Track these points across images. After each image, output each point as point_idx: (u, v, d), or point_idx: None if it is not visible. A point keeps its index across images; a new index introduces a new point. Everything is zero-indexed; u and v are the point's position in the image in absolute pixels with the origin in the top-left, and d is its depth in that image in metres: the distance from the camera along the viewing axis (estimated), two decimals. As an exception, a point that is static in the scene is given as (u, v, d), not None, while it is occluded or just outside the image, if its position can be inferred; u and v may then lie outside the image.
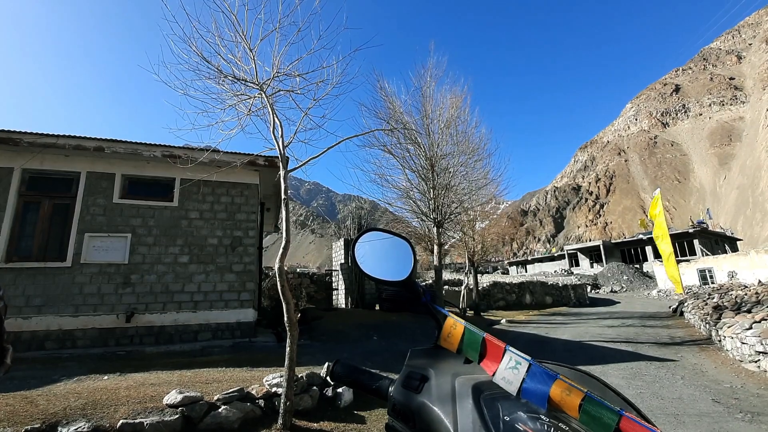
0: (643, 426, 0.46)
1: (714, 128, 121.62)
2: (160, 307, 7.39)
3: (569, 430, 0.51)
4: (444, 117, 11.88)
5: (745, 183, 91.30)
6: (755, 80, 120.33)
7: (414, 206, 11.92)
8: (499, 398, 0.56)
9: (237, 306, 7.91)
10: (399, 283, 0.79)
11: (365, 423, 3.87)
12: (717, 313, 8.68)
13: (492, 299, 20.16)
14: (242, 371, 5.03)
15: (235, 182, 8.42)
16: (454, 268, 39.70)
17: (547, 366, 0.58)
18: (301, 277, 15.20)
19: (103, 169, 7.66)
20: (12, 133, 6.96)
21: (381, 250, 0.86)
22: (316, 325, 9.26)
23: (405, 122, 11.41)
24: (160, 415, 3.33)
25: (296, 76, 4.47)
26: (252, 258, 8.40)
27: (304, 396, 4.12)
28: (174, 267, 7.66)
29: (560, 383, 0.53)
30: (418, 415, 0.60)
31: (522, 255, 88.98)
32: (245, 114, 4.40)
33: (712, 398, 4.74)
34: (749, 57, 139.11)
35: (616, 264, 37.74)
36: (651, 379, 5.65)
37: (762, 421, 3.95)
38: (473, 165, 12.16)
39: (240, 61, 4.28)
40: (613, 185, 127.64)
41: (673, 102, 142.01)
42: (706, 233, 38.54)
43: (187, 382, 4.28)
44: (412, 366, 0.68)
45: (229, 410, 3.57)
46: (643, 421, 0.48)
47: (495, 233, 18.66)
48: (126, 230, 7.51)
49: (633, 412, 0.52)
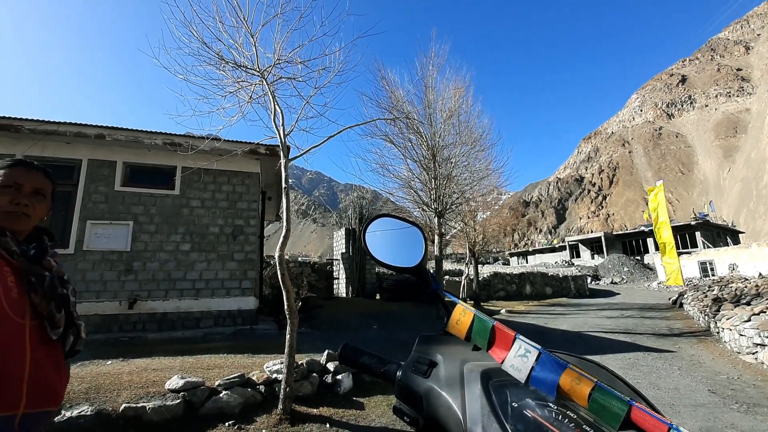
0: (652, 416, 0.46)
1: (720, 120, 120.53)
2: (163, 294, 7.44)
3: (577, 418, 0.50)
4: (446, 107, 11.77)
5: (749, 175, 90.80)
6: (763, 71, 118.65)
7: (415, 196, 11.89)
8: (508, 385, 0.56)
9: (238, 294, 7.97)
10: (410, 270, 0.79)
11: (364, 409, 3.91)
12: (716, 305, 8.71)
13: (492, 290, 20.27)
14: (243, 358, 5.09)
15: (236, 171, 8.40)
16: (455, 258, 39.80)
17: (557, 355, 0.57)
18: (302, 266, 15.27)
19: (105, 156, 7.64)
20: (13, 120, 6.92)
21: (391, 236, 0.86)
22: (317, 313, 9.33)
23: (407, 112, 11.31)
24: (162, 399, 3.37)
25: (298, 63, 4.41)
26: (253, 246, 8.42)
27: (304, 382, 4.16)
28: (176, 255, 7.69)
29: (570, 372, 0.53)
30: (426, 399, 0.60)
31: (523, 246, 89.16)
32: (246, 101, 4.36)
33: (708, 389, 4.77)
34: (757, 48, 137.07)
35: (617, 256, 37.80)
36: (648, 370, 5.70)
37: (758, 412, 3.98)
38: (475, 155, 12.08)
39: (241, 46, 4.21)
40: (617, 177, 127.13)
41: (679, 93, 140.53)
42: (708, 225, 38.49)
43: (188, 367, 4.33)
44: (421, 351, 0.68)
45: (230, 395, 3.61)
46: (652, 411, 0.47)
47: (496, 224, 18.65)
48: (128, 218, 7.52)
49: (642, 402, 0.51)
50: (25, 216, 1.09)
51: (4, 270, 1.02)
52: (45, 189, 1.16)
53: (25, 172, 1.13)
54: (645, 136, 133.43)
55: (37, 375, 1.01)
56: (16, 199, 1.08)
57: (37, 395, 1.01)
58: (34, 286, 1.05)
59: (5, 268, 1.02)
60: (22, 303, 1.02)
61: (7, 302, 0.98)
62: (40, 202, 1.14)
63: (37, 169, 1.17)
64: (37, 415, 1.02)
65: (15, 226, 1.08)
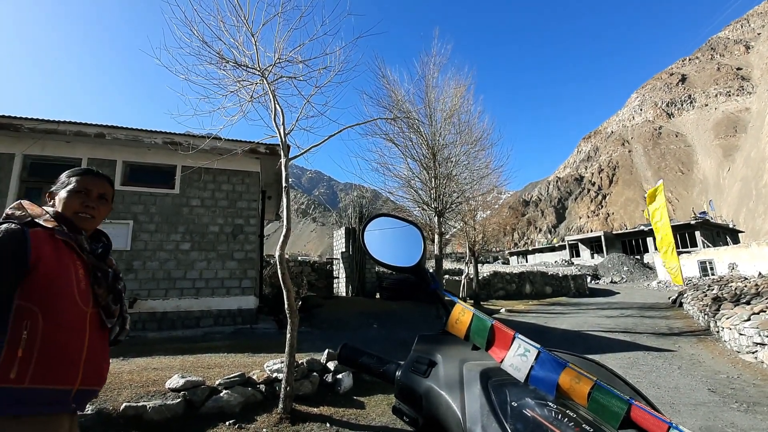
0: (652, 415, 0.46)
1: (719, 119, 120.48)
2: (163, 293, 7.44)
3: (577, 417, 0.50)
4: (447, 106, 11.77)
5: (749, 175, 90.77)
6: (763, 70, 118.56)
7: (415, 195, 11.89)
8: (507, 384, 0.56)
9: (238, 293, 7.97)
10: (409, 270, 0.78)
11: (364, 408, 3.92)
12: (716, 305, 8.71)
13: (492, 289, 20.27)
14: (243, 357, 5.09)
15: (236, 170, 8.40)
16: (455, 257, 39.78)
17: (556, 354, 0.57)
18: (302, 265, 15.27)
19: (104, 155, 7.63)
20: (12, 119, 6.92)
21: (390, 236, 0.86)
22: (317, 312, 9.34)
23: (407, 111, 11.30)
24: (163, 398, 3.37)
25: (298, 62, 4.40)
26: (253, 246, 8.42)
27: (305, 382, 4.16)
28: (176, 254, 7.69)
29: (569, 371, 0.53)
30: (426, 398, 0.60)
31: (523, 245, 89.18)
32: (247, 100, 4.35)
33: (708, 388, 4.77)
34: (757, 47, 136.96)
35: (616, 255, 37.80)
36: (648, 369, 5.70)
37: (757, 411, 3.99)
38: (475, 155, 12.09)
39: (242, 46, 4.21)
40: (616, 176, 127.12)
41: (679, 92, 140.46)
42: (708, 225, 38.48)
43: (189, 367, 4.33)
44: (420, 351, 0.68)
45: (230, 395, 3.62)
46: (652, 410, 0.47)
47: (496, 223, 18.64)
48: (128, 217, 7.52)
49: (642, 401, 0.52)
50: (92, 218, 1.28)
51: (77, 264, 1.19)
52: (108, 194, 1.35)
53: (93, 179, 1.31)
54: (645, 135, 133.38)
55: (90, 357, 1.17)
56: (86, 202, 1.26)
57: (89, 375, 1.16)
58: (99, 280, 1.24)
59: (78, 262, 1.20)
60: (87, 293, 1.20)
61: (78, 292, 1.16)
62: (104, 206, 1.33)
63: (102, 177, 1.35)
64: (87, 392, 1.18)
65: (84, 226, 1.26)
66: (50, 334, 1.07)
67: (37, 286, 1.07)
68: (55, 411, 1.09)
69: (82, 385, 1.14)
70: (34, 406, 1.05)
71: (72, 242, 1.19)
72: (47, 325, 1.07)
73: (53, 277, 1.10)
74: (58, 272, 1.12)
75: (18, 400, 1.02)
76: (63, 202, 1.24)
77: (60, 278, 1.12)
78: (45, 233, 1.14)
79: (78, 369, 1.12)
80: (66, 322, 1.11)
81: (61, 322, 1.10)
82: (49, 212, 1.20)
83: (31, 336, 1.04)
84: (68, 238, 1.18)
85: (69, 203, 1.24)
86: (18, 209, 1.18)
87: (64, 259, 1.15)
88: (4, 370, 1.00)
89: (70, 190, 1.26)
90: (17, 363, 1.01)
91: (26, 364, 1.02)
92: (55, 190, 1.29)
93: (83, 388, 1.15)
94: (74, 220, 1.23)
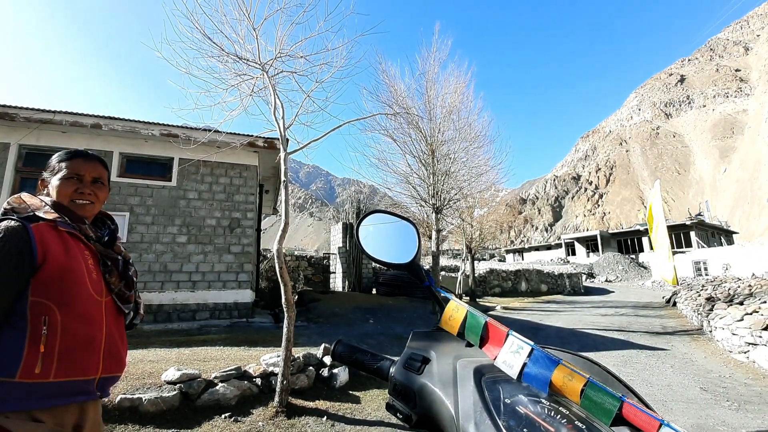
0: (644, 412, 0.46)
1: (717, 120, 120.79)
2: (159, 286, 7.43)
3: (570, 414, 0.51)
4: (447, 102, 11.72)
5: (744, 176, 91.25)
6: (761, 72, 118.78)
7: (413, 191, 11.87)
8: (501, 381, 0.56)
9: (235, 287, 7.97)
10: (403, 266, 0.78)
11: (360, 403, 3.94)
12: (709, 305, 8.78)
13: (488, 286, 20.35)
14: (240, 350, 5.10)
15: (234, 163, 8.36)
16: (452, 254, 39.86)
17: (549, 351, 0.58)
18: (299, 259, 15.26)
19: (101, 146, 7.58)
20: (8, 108, 6.85)
21: (385, 232, 0.85)
22: (313, 307, 9.35)
23: (407, 107, 11.26)
24: (159, 391, 3.38)
25: (300, 57, 4.38)
26: (250, 239, 8.41)
27: (301, 375, 4.18)
28: (172, 247, 7.67)
29: (562, 368, 0.53)
30: (419, 395, 0.60)
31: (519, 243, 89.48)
32: (248, 94, 4.34)
33: (700, 386, 4.83)
34: (756, 48, 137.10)
35: (612, 254, 37.99)
36: (641, 367, 5.76)
37: (748, 409, 4.04)
38: (474, 152, 12.06)
39: (243, 39, 4.18)
40: (613, 175, 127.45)
41: (678, 93, 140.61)
42: (703, 225, 38.72)
43: (185, 359, 4.34)
44: (414, 347, 0.68)
45: (226, 388, 3.63)
46: (644, 407, 0.48)
47: (493, 220, 18.69)
48: (124, 209, 7.48)
49: (635, 398, 0.52)
50: (90, 203, 1.23)
51: (85, 254, 1.17)
52: (103, 177, 1.30)
53: (84, 163, 1.26)
54: (642, 135, 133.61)
55: (110, 345, 1.18)
56: (80, 188, 1.21)
57: (110, 362, 1.17)
58: (109, 268, 1.22)
59: (86, 252, 1.18)
60: (100, 283, 1.19)
61: (90, 282, 1.15)
62: (101, 189, 1.28)
63: (94, 159, 1.30)
64: (109, 378, 1.20)
65: (83, 213, 1.21)
66: (69, 327, 1.07)
67: (49, 282, 1.06)
68: (81, 400, 1.11)
69: (104, 373, 1.16)
70: (62, 398, 1.06)
71: (76, 233, 1.16)
72: (65, 318, 1.06)
73: (64, 271, 1.08)
74: (68, 265, 1.10)
75: (46, 395, 1.03)
76: (57, 190, 1.19)
77: (71, 271, 1.10)
78: (48, 226, 1.10)
79: (99, 358, 1.14)
80: (83, 314, 1.11)
81: (79, 314, 1.10)
82: (48, 203, 1.16)
83: (51, 331, 1.03)
84: (72, 229, 1.15)
85: (63, 191, 1.19)
86: (17, 203, 1.14)
87: (72, 251, 1.12)
88: (29, 366, 1.00)
89: (62, 177, 1.20)
90: (41, 359, 1.01)
91: (49, 358, 1.03)
92: (47, 177, 1.24)
93: (105, 376, 1.17)
94: (72, 208, 1.19)
